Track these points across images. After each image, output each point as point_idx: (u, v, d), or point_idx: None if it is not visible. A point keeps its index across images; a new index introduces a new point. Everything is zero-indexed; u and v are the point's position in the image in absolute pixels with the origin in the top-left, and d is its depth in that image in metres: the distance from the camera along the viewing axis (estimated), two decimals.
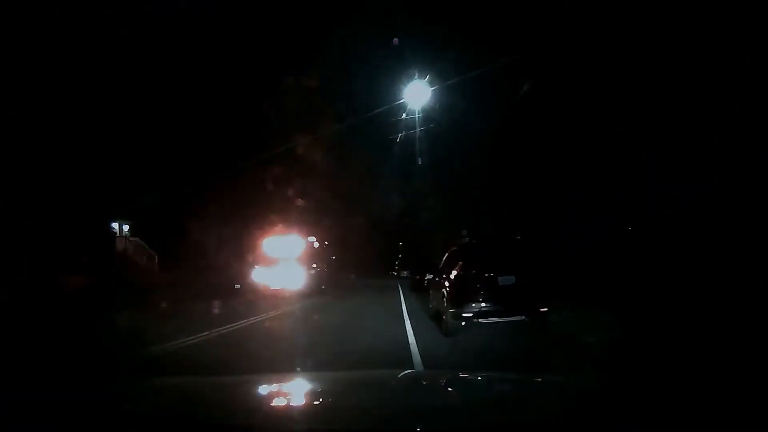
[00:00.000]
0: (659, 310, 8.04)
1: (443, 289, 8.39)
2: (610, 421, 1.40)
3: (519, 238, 10.58)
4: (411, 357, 5.94)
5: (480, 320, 7.30)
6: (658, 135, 11.18)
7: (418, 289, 21.63)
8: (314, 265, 22.39)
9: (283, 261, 20.49)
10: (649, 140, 11.47)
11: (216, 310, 12.55)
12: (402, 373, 2.74)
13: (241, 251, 22.77)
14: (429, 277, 22.03)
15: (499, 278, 7.51)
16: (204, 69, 20.17)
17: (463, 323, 7.34)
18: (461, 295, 7.58)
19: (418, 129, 18.65)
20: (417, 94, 16.24)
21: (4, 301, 10.00)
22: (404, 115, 17.52)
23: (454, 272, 8.09)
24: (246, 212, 24.85)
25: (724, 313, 6.70)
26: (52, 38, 13.14)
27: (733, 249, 8.76)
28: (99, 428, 1.39)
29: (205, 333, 8.23)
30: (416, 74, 15.65)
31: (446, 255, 9.72)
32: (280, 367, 5.54)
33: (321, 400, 2.08)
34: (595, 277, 11.42)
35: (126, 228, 24.16)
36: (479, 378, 2.53)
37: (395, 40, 16.91)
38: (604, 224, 13.11)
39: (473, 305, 7.34)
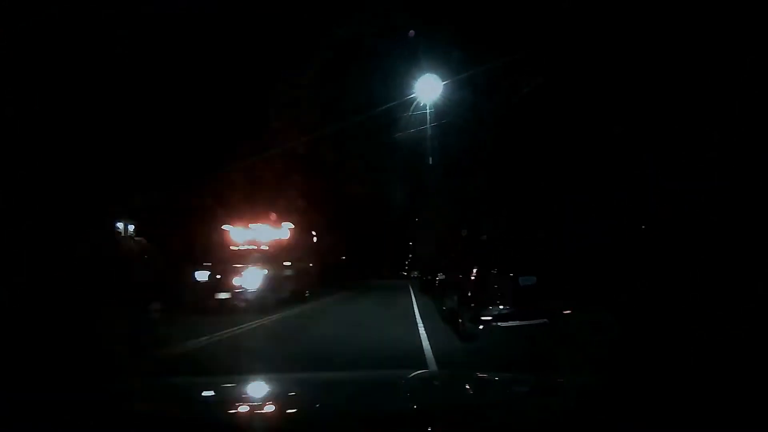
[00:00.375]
0: (659, 310, 8.04)
1: (459, 291, 7.91)
2: (610, 421, 1.40)
3: (540, 235, 10.16)
4: (427, 365, 5.64)
5: (499, 324, 6.77)
6: (658, 135, 11.19)
7: (428, 290, 21.10)
8: (287, 264, 15.97)
9: (240, 258, 14.43)
10: (649, 140, 11.47)
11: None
12: (411, 374, 2.71)
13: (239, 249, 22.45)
14: (440, 277, 21.62)
15: (520, 278, 7.05)
16: (205, 66, 20.17)
17: (481, 327, 6.82)
18: (479, 296, 7.10)
19: (429, 125, 17.52)
20: (426, 90, 15.44)
21: (4, 301, 9.98)
22: (411, 111, 16.83)
23: (471, 272, 7.61)
24: (246, 209, 24.73)
25: (724, 313, 6.70)
26: (52, 38, 13.15)
27: (733, 249, 8.76)
28: (99, 428, 1.38)
29: None
30: (423, 71, 15.03)
31: (460, 253, 9.32)
32: None
33: (328, 400, 2.05)
34: (595, 277, 11.40)
35: (131, 228, 23.96)
36: (480, 378, 2.52)
37: (411, 32, 15.74)
38: (604, 224, 13.10)
39: (492, 308, 6.84)
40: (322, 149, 29.29)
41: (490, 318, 6.81)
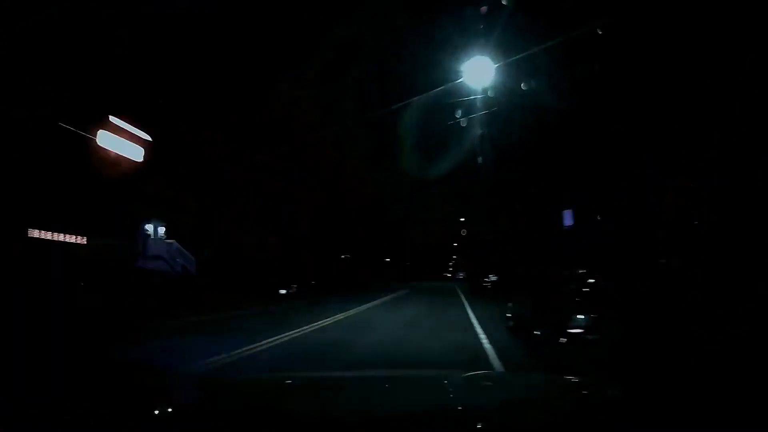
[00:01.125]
0: (659, 310, 8.04)
1: (533, 296, 6.56)
2: (610, 421, 1.39)
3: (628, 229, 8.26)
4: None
5: (588, 336, 5.52)
6: (658, 135, 11.19)
7: (480, 293, 20.57)
8: None
9: None
10: (649, 140, 11.47)
11: None
12: (465, 374, 2.64)
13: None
14: (493, 278, 20.97)
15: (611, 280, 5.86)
16: (218, 61, 20.23)
17: (565, 340, 5.55)
18: (566, 303, 5.80)
19: (479, 114, 14.58)
20: (476, 76, 12.50)
21: (20, 306, 9.73)
22: (457, 99, 14.33)
23: (553, 273, 6.38)
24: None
25: (724, 313, 6.69)
26: (62, 36, 13.15)
27: (733, 249, 8.76)
28: (100, 428, 1.39)
29: None
30: (471, 54, 12.15)
31: (532, 253, 8.02)
32: None
33: (370, 397, 2.01)
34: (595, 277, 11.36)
35: (162, 230, 22.88)
36: (480, 378, 2.52)
37: (483, 9, 12.68)
38: (604, 224, 13.09)
39: (580, 317, 5.57)
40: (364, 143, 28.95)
41: (580, 331, 5.49)
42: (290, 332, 9.12)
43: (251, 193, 24.53)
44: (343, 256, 39.70)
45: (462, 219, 48.51)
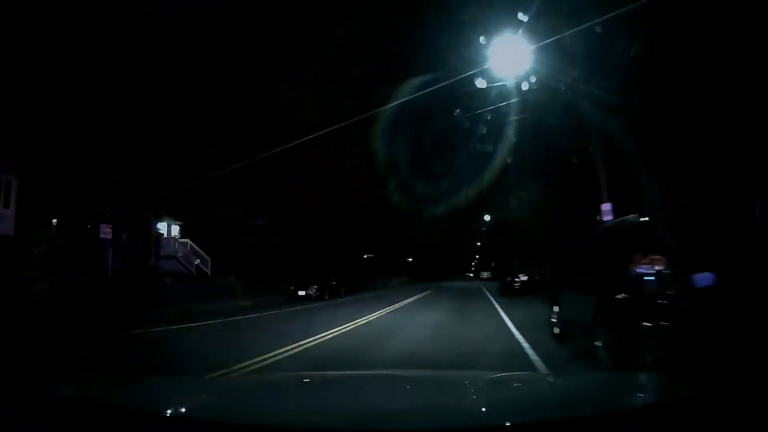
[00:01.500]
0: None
1: (594, 296, 5.72)
2: (610, 421, 1.39)
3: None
4: None
5: (655, 346, 4.84)
6: (658, 135, 11.18)
7: (509, 292, 20.08)
8: None
9: None
10: (650, 140, 11.46)
11: None
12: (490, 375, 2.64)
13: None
14: (523, 278, 20.57)
15: (696, 277, 5.01)
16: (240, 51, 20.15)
17: (630, 349, 4.91)
18: (633, 307, 5.02)
19: (509, 102, 12.92)
20: (504, 60, 10.52)
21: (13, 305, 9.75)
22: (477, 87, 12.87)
23: (624, 267, 5.37)
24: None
25: (724, 313, 6.67)
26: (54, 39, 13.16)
27: (733, 249, 8.74)
28: (100, 428, 1.38)
29: None
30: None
31: (587, 238, 7.01)
32: None
33: (394, 397, 2.01)
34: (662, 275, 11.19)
35: (176, 229, 22.68)
36: (480, 378, 2.51)
37: None
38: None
39: (646, 324, 4.86)
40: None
41: (646, 341, 4.83)
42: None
43: (251, 193, 24.52)
44: (365, 256, 39.85)
45: (487, 217, 46.36)
